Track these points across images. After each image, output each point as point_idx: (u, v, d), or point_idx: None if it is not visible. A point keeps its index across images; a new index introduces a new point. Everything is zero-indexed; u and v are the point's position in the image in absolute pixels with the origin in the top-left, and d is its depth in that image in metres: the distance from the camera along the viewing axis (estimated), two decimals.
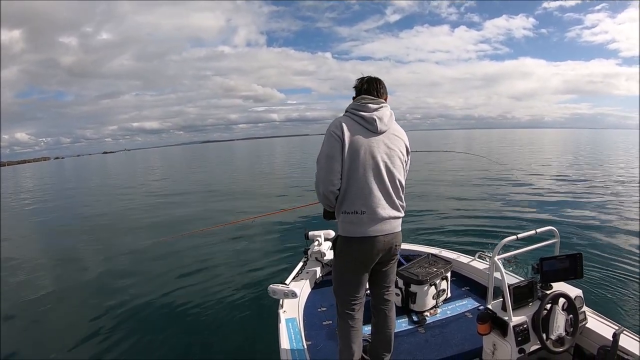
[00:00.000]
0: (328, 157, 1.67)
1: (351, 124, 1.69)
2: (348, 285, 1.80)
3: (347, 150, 1.65)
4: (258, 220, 7.88)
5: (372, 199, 1.67)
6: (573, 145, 37.73)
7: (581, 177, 12.38)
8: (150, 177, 23.73)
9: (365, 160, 1.66)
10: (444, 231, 6.23)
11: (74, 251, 6.88)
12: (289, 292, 2.46)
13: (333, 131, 1.68)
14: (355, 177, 1.66)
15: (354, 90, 1.83)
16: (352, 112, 1.73)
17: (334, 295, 1.87)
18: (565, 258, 1.88)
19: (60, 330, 3.74)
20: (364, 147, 1.67)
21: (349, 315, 1.82)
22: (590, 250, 4.77)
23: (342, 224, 1.73)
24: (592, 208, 7.66)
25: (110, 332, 3.51)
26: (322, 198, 1.73)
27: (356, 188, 1.67)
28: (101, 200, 13.96)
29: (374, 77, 1.82)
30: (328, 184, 1.67)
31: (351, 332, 1.81)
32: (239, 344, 3.25)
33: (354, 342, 1.81)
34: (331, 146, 1.67)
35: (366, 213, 1.67)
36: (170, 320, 3.70)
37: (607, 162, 18.44)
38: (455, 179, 13.31)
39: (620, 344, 1.66)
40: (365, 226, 1.68)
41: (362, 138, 1.68)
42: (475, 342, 2.03)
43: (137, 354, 3.18)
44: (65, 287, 4.94)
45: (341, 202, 1.70)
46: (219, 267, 5.20)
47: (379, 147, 1.69)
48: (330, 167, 1.66)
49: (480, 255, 2.95)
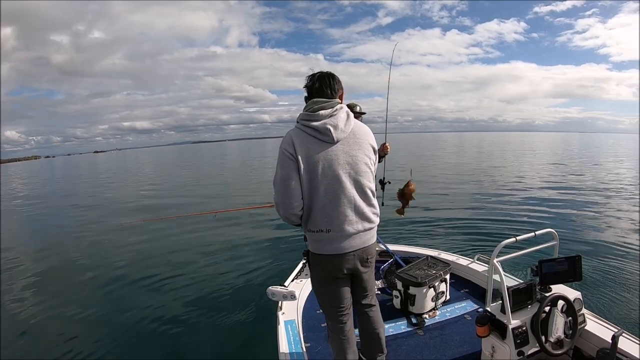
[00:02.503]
0: (283, 179, 1.53)
1: (304, 138, 1.53)
2: (329, 298, 1.73)
3: (302, 168, 1.51)
4: (257, 220, 7.91)
5: (337, 217, 1.55)
6: (569, 149, 37.87)
7: (578, 180, 12.42)
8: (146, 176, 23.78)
9: (325, 176, 1.52)
10: (443, 233, 6.23)
11: (63, 247, 6.87)
12: (288, 293, 2.45)
13: (285, 149, 1.53)
14: (315, 195, 1.54)
15: (305, 90, 1.63)
16: (303, 124, 1.55)
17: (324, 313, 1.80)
18: (564, 260, 1.89)
19: (59, 335, 3.72)
20: (321, 161, 1.52)
21: (338, 327, 1.75)
22: (590, 253, 4.78)
23: (310, 241, 1.65)
24: (590, 210, 7.67)
25: (104, 334, 3.49)
26: (284, 219, 1.62)
27: (318, 208, 1.55)
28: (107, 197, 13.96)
29: (325, 73, 1.62)
30: (287, 208, 1.55)
31: (343, 343, 1.76)
32: (237, 346, 3.23)
33: (348, 352, 1.77)
34: (285, 166, 1.53)
35: (332, 231, 1.56)
36: (167, 322, 3.68)
37: (604, 165, 18.51)
38: (454, 180, 13.33)
39: (619, 346, 1.66)
40: (333, 244, 1.58)
41: (317, 152, 1.52)
42: (474, 345, 2.03)
43: (133, 355, 3.16)
44: (55, 287, 4.92)
45: (306, 221, 1.61)
46: (218, 269, 5.18)
47: (338, 158, 1.54)
48: (287, 189, 1.53)
49: (479, 257, 2.95)
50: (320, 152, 1.52)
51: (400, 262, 3.08)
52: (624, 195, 9.65)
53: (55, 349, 3.28)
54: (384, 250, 3.37)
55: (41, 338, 3.57)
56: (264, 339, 2.86)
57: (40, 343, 3.47)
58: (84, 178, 27.50)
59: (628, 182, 11.89)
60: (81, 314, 3.97)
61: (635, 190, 10.12)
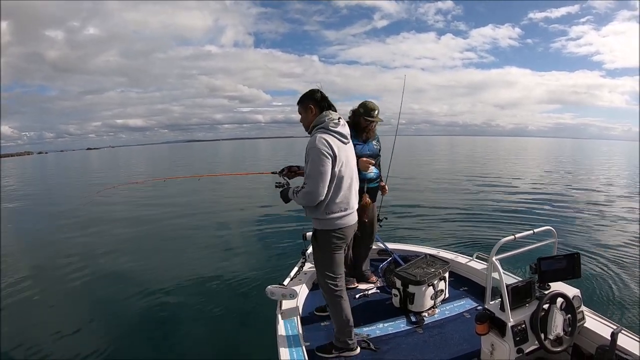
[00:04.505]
0: (323, 173, 1.90)
1: (333, 140, 1.94)
2: (337, 265, 2.09)
3: (337, 164, 1.93)
4: (255, 221, 7.91)
5: (352, 198, 2.07)
6: (566, 153, 38.00)
7: (576, 181, 12.46)
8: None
9: (348, 169, 2.01)
10: (442, 231, 6.24)
11: (57, 244, 6.84)
12: (287, 293, 2.45)
13: (325, 150, 1.89)
14: (341, 185, 1.98)
15: (311, 101, 2.03)
16: (330, 130, 1.97)
17: (323, 281, 2.11)
18: (563, 258, 1.88)
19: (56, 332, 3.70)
20: (345, 158, 2.00)
21: (338, 291, 2.10)
22: (588, 250, 4.79)
23: (325, 222, 2.01)
24: (589, 209, 7.70)
25: (99, 334, 3.48)
26: (308, 203, 1.98)
27: (342, 192, 1.99)
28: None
29: (322, 92, 2.07)
30: (320, 195, 1.92)
31: (343, 305, 2.10)
32: (236, 345, 3.23)
33: (348, 309, 2.12)
34: (325, 164, 1.90)
35: (348, 209, 2.05)
36: (164, 322, 3.67)
37: (600, 168, 18.56)
38: (453, 179, 13.35)
39: (618, 343, 1.66)
40: (349, 218, 2.06)
41: (343, 151, 1.98)
42: (473, 342, 2.02)
43: (128, 354, 3.15)
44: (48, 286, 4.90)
45: (328, 203, 1.97)
46: (216, 268, 5.17)
47: (352, 154, 2.10)
48: (325, 180, 1.91)
49: (478, 255, 2.95)
50: (344, 151, 2.00)
51: (399, 261, 3.08)
52: (623, 195, 9.68)
53: (43, 347, 3.27)
54: (383, 249, 3.36)
55: (24, 333, 3.56)
56: (263, 338, 2.84)
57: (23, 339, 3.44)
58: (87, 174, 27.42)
59: (625, 184, 11.94)
60: (73, 313, 3.96)
61: (635, 190, 10.15)
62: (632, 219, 6.57)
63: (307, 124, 2.07)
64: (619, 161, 26.54)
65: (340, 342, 2.13)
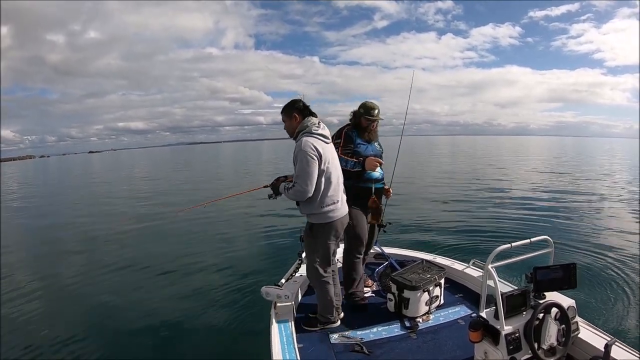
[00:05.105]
0: (311, 175, 2.13)
1: (318, 142, 2.18)
2: (328, 255, 2.35)
3: (323, 163, 2.17)
4: (252, 223, 7.89)
5: (339, 192, 2.32)
6: (568, 152, 37.98)
7: (576, 187, 12.44)
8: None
9: (333, 167, 2.25)
10: (439, 237, 6.22)
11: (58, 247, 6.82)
12: (282, 293, 2.45)
13: (311, 154, 2.13)
14: (329, 181, 2.22)
15: (294, 110, 2.27)
16: (313, 133, 2.21)
17: (312, 267, 2.35)
18: (559, 268, 1.88)
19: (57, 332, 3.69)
20: (329, 157, 2.24)
21: (326, 277, 2.36)
22: (585, 261, 4.78)
23: (319, 216, 2.24)
24: (588, 218, 7.68)
25: (93, 334, 3.47)
26: (299, 199, 2.22)
27: (331, 188, 2.24)
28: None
29: (304, 101, 2.32)
30: (308, 192, 2.16)
31: (329, 288, 2.38)
32: (230, 345, 3.22)
33: (332, 293, 2.39)
34: (313, 165, 2.13)
35: (339, 202, 2.30)
36: (159, 322, 3.65)
37: (600, 171, 18.54)
38: (451, 184, 13.35)
39: (611, 355, 1.66)
40: (341, 210, 2.31)
41: (327, 151, 2.22)
42: (467, 350, 2.02)
43: (125, 354, 3.15)
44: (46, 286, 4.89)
45: (320, 199, 2.21)
46: (213, 267, 5.17)
47: (333, 153, 2.33)
48: (312, 179, 2.14)
49: (474, 262, 2.94)
50: (327, 151, 2.23)
51: (395, 265, 3.08)
52: (623, 201, 9.66)
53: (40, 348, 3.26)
54: (380, 253, 3.36)
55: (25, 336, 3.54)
56: (257, 338, 2.84)
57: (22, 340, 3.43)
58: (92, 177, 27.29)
59: (624, 188, 11.93)
60: (74, 313, 3.95)
61: (635, 197, 10.13)
62: (633, 232, 6.52)
63: (292, 130, 2.30)
64: (622, 161, 26.32)
65: (324, 317, 2.41)
